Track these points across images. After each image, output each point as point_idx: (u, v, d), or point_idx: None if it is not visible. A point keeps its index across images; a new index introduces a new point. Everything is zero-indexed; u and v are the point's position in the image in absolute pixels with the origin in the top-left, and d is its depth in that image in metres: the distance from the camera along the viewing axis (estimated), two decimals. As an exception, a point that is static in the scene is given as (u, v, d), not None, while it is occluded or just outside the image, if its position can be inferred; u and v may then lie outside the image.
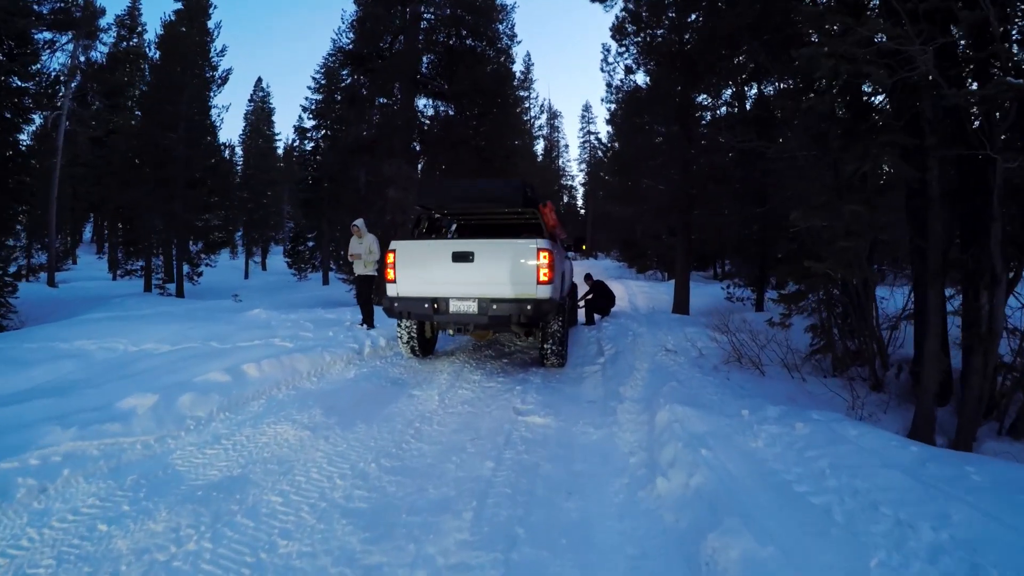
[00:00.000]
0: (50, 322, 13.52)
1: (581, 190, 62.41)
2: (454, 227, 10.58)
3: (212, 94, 25.03)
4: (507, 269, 7.38)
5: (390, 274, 7.94)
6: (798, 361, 8.03)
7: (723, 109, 16.36)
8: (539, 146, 57.92)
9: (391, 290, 7.97)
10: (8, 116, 17.00)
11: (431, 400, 6.45)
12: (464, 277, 7.55)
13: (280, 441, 5.03)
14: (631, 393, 6.55)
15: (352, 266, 11.12)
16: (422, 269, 7.82)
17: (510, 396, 6.71)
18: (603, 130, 56.92)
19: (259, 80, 51.29)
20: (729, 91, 15.93)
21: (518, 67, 50.95)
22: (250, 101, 47.33)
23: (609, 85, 16.67)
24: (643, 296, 19.63)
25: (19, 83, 17.52)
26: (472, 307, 7.46)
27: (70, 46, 26.41)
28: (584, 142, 58.33)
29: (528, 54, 52.58)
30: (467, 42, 19.45)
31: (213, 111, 25.25)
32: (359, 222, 10.45)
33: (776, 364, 7.96)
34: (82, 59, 27.36)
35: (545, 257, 7.23)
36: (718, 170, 15.02)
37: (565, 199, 61.27)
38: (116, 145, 25.99)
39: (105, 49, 28.14)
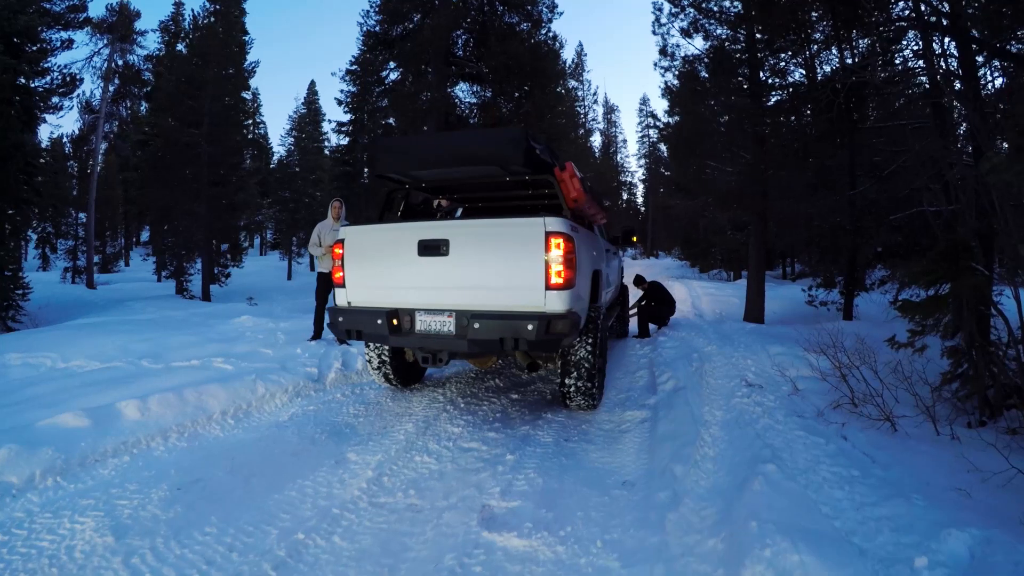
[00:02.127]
0: (53, 324, 13.00)
1: (641, 187, 59.11)
2: (459, 212, 7.90)
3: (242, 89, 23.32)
4: (498, 265, 4.71)
5: (339, 274, 5.46)
6: (927, 397, 4.98)
7: (797, 74, 13.05)
8: (596, 141, 55.88)
9: (340, 297, 5.53)
10: (12, 114, 15.37)
11: (363, 474, 3.98)
12: (436, 278, 4.97)
13: (56, 553, 2.97)
14: (696, 477, 3.70)
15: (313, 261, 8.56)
16: (378, 266, 5.30)
17: (490, 476, 3.96)
18: (659, 107, 53.28)
19: (312, 83, 50.16)
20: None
21: (568, 54, 49.66)
22: (304, 103, 46.18)
23: (663, 51, 13.47)
24: (708, 299, 16.27)
25: (22, 81, 16.07)
26: (447, 324, 4.85)
27: (89, 45, 25.85)
28: (642, 136, 54.96)
29: (580, 44, 49.88)
30: (503, 18, 17.33)
31: (243, 106, 23.57)
32: (339, 202, 7.89)
33: (904, 403, 4.86)
34: (120, 62, 26.27)
35: (560, 245, 4.46)
36: (800, 146, 11.86)
37: (625, 196, 58.38)
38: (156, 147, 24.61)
39: (143, 52, 27.01)
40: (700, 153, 13.74)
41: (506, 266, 4.61)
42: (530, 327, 4.30)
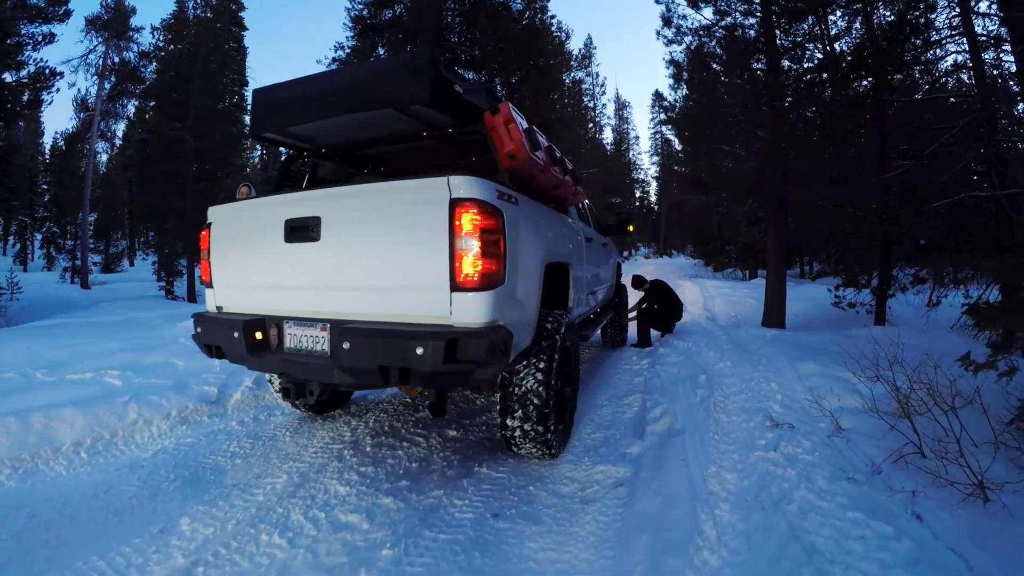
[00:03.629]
0: (18, 326, 12.29)
1: (654, 185, 57.02)
2: None
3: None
4: (382, 253, 3.05)
5: (205, 270, 4.00)
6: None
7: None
8: (608, 138, 53.99)
9: (208, 300, 4.05)
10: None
11: (176, 558, 2.65)
12: (307, 273, 3.37)
13: None
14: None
15: None
16: (244, 258, 3.75)
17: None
18: (664, 86, 51.20)
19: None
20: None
21: (576, 45, 47.92)
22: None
23: (667, 21, 11.64)
24: (722, 300, 14.12)
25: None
26: (320, 341, 3.22)
27: (84, 42, 24.58)
28: (655, 133, 52.55)
29: (589, 36, 47.78)
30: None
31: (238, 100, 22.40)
32: (247, 187, 6.26)
33: (985, 447, 3.20)
34: (116, 59, 25.02)
35: (476, 221, 2.79)
36: (826, 121, 10.08)
37: (638, 193, 56.36)
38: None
39: (139, 48, 25.72)
40: (712, 135, 11.87)
41: (393, 254, 2.97)
42: (420, 351, 2.64)
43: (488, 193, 2.85)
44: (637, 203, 54.83)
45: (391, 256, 2.96)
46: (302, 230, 3.28)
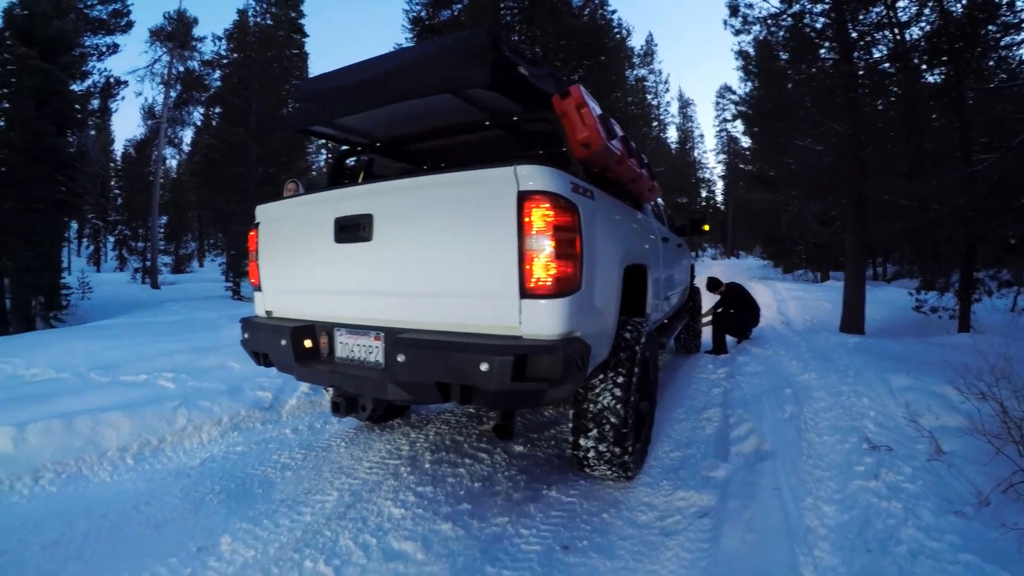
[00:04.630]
0: (86, 324, 12.85)
1: (720, 184, 55.50)
2: None
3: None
4: (441, 254, 2.75)
5: (254, 272, 3.83)
6: None
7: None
8: (672, 136, 52.76)
9: (257, 305, 3.88)
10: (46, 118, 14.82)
11: None
12: (359, 276, 3.12)
13: None
14: None
15: None
16: (294, 259, 3.53)
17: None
18: (732, 80, 49.39)
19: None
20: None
21: (637, 42, 46.97)
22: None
23: (734, 9, 11.01)
24: (795, 304, 13.53)
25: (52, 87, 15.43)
26: (373, 351, 3.00)
27: (149, 52, 25.41)
28: (720, 131, 51.10)
29: (650, 33, 46.81)
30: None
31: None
32: (295, 183, 6.15)
33: None
34: (180, 68, 25.88)
35: (549, 217, 2.44)
36: (905, 109, 9.41)
37: (703, 193, 54.94)
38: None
39: (200, 57, 26.57)
40: (782, 129, 11.23)
41: (455, 255, 2.67)
42: (484, 367, 2.33)
43: (562, 185, 2.52)
44: (703, 203, 53.33)
45: (452, 257, 2.67)
46: (353, 229, 3.03)
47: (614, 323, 3.12)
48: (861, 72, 9.59)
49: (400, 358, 2.57)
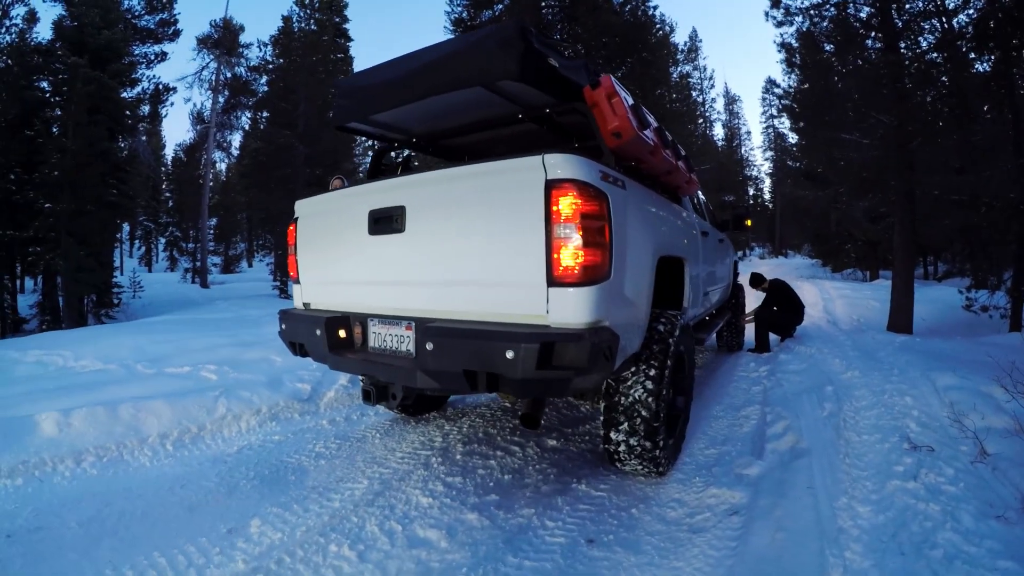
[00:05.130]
0: (135, 320, 13.59)
1: (767, 181, 54.28)
2: None
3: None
4: (470, 244, 2.77)
5: (293, 266, 3.94)
6: None
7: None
8: (719, 134, 52.06)
9: (296, 297, 3.99)
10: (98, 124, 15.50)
11: (238, 562, 2.54)
12: (392, 267, 3.16)
13: None
14: None
15: None
16: (331, 252, 3.63)
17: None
18: (776, 73, 48.09)
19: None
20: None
21: (681, 38, 46.25)
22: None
23: (775, 0, 10.75)
24: (843, 303, 13.10)
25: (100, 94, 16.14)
26: (405, 341, 3.06)
27: (197, 60, 26.26)
28: (767, 128, 49.68)
29: (694, 29, 46.05)
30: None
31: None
32: (341, 180, 6.23)
33: None
34: (228, 75, 26.68)
35: (576, 205, 2.44)
36: (956, 100, 9.07)
37: (751, 191, 53.78)
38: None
39: (247, 63, 27.27)
40: (829, 122, 10.89)
41: (484, 244, 2.69)
42: (510, 354, 2.33)
43: (590, 173, 2.52)
44: (751, 201, 52.22)
45: (482, 247, 2.69)
46: (386, 221, 3.09)
47: (646, 315, 3.08)
48: (907, 62, 9.28)
49: (429, 346, 2.61)
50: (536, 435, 4.09)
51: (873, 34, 9.65)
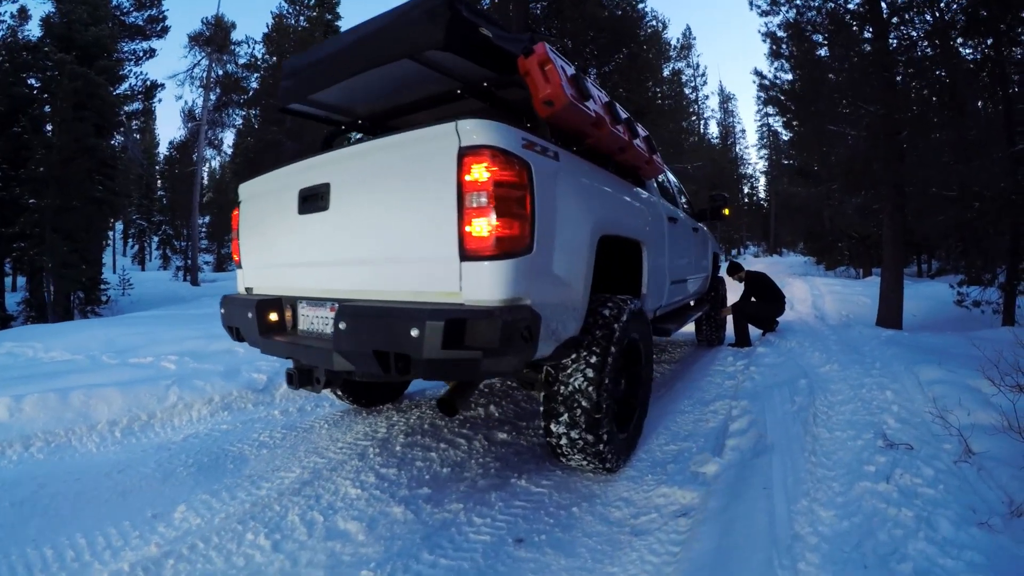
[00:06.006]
0: (119, 315, 13.35)
1: (762, 180, 53.94)
2: None
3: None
4: (389, 218, 2.54)
5: (236, 250, 3.79)
6: None
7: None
8: (713, 131, 51.97)
9: (239, 281, 3.83)
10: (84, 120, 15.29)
11: (150, 546, 2.44)
12: (319, 247, 2.97)
13: None
14: None
15: None
16: (265, 235, 3.44)
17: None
18: (762, 64, 47.85)
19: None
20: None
21: (674, 34, 45.78)
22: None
23: None
24: (833, 298, 12.82)
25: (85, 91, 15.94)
26: (328, 323, 2.87)
27: (188, 57, 25.97)
28: (761, 125, 49.17)
29: (688, 26, 45.66)
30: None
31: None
32: None
33: None
34: (219, 72, 26.35)
35: (488, 172, 2.18)
36: (946, 88, 8.86)
37: (746, 189, 53.37)
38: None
39: (237, 60, 26.96)
40: (817, 113, 10.61)
41: (401, 220, 2.46)
42: (415, 333, 2.09)
43: (509, 140, 2.26)
44: (745, 199, 51.88)
45: (400, 222, 2.45)
46: (314, 199, 2.87)
47: (584, 296, 2.80)
48: (893, 48, 9.03)
49: (342, 326, 2.38)
50: (488, 427, 3.81)
51: (860, 23, 9.41)
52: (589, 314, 2.89)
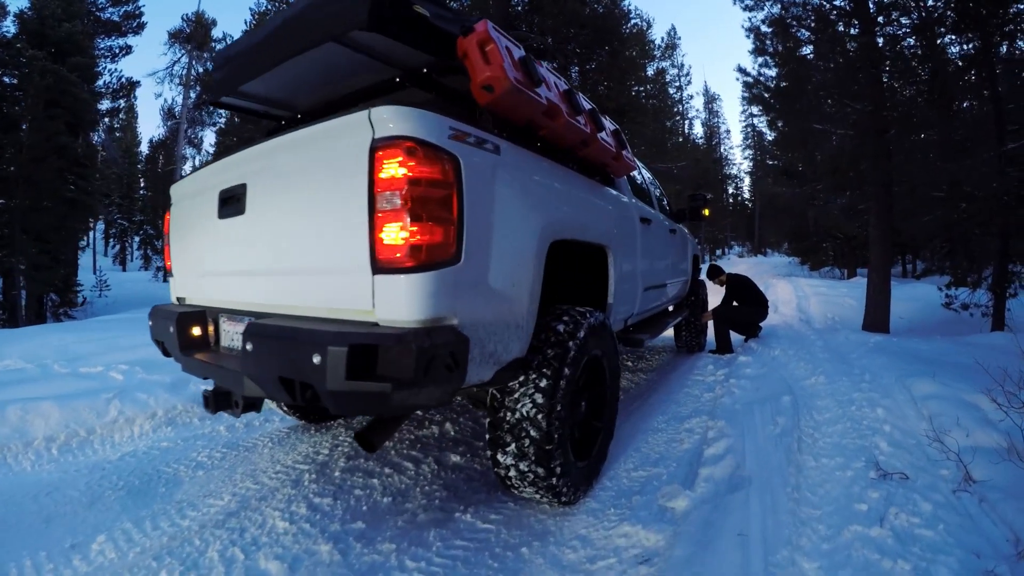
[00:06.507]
0: (94, 317, 13.20)
1: (747, 180, 53.76)
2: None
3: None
4: (301, 222, 2.16)
5: (168, 257, 3.41)
6: None
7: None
8: (698, 132, 51.50)
9: (171, 291, 3.47)
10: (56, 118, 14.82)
11: None
12: (237, 255, 2.60)
13: None
14: None
15: None
16: (192, 240, 3.09)
17: None
18: (746, 61, 47.62)
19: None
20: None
21: (659, 34, 45.26)
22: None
23: None
24: (818, 300, 12.42)
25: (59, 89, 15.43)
26: (240, 339, 2.25)
27: (168, 54, 25.81)
28: (746, 126, 49.08)
29: (672, 26, 45.36)
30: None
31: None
32: None
33: None
34: (200, 69, 25.75)
35: (404, 165, 1.80)
36: (935, 85, 8.59)
37: (730, 190, 53.25)
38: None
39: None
40: (802, 110, 10.31)
41: (313, 224, 2.11)
42: (316, 359, 1.74)
43: (430, 129, 1.90)
44: (730, 200, 51.78)
45: (314, 228, 2.10)
46: (232, 201, 2.53)
47: (530, 311, 2.40)
48: (881, 43, 8.77)
49: (248, 347, 2.02)
50: (440, 448, 3.44)
51: (847, 18, 9.14)
52: (539, 330, 2.52)
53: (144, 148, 44.72)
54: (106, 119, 20.01)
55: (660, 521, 2.47)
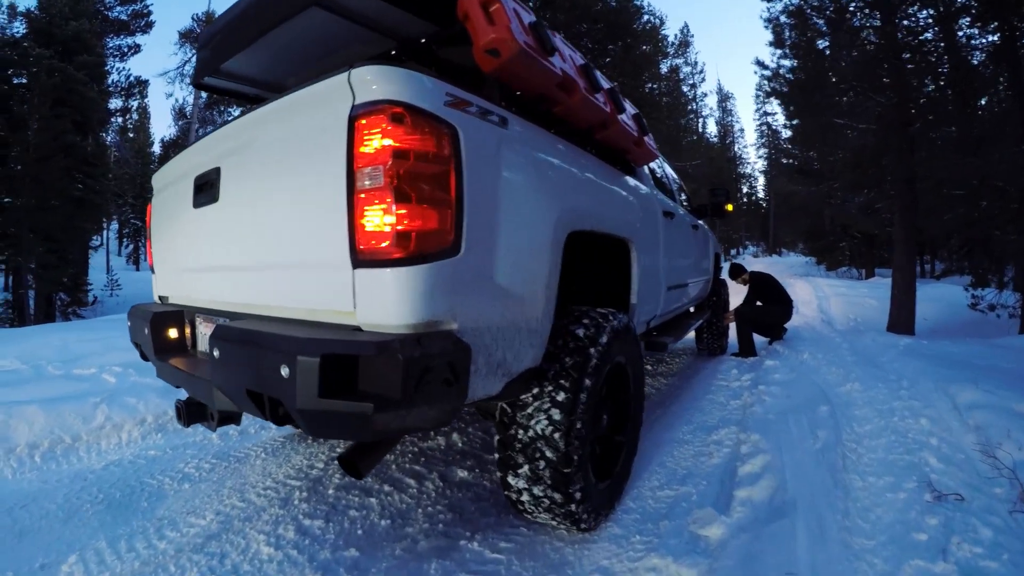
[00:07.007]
0: (101, 316, 12.77)
1: (761, 179, 53.20)
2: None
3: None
4: (277, 213, 1.82)
5: (150, 252, 3.17)
6: None
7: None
8: (712, 130, 51.31)
9: (153, 289, 3.19)
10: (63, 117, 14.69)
11: None
12: (211, 248, 2.29)
13: None
14: None
15: None
16: (172, 233, 2.75)
17: None
18: (764, 55, 47.26)
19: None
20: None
21: (672, 31, 44.81)
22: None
23: None
24: (838, 301, 12.03)
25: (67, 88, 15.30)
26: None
27: (179, 54, 25.53)
28: (760, 124, 48.26)
29: (685, 24, 44.90)
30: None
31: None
32: None
33: None
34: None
35: (389, 135, 1.46)
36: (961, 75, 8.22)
37: (745, 189, 52.67)
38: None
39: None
40: (820, 104, 9.94)
41: (289, 212, 1.79)
42: (285, 372, 1.42)
43: (422, 93, 1.57)
44: (744, 199, 51.32)
45: (287, 215, 1.80)
46: (207, 188, 2.25)
47: (546, 312, 2.07)
48: (902, 35, 8.40)
49: (215, 353, 1.73)
50: (446, 463, 3.15)
51: (868, 9, 8.78)
52: (556, 335, 2.19)
53: (156, 148, 44.83)
54: (118, 119, 19.90)
55: (693, 552, 2.15)
